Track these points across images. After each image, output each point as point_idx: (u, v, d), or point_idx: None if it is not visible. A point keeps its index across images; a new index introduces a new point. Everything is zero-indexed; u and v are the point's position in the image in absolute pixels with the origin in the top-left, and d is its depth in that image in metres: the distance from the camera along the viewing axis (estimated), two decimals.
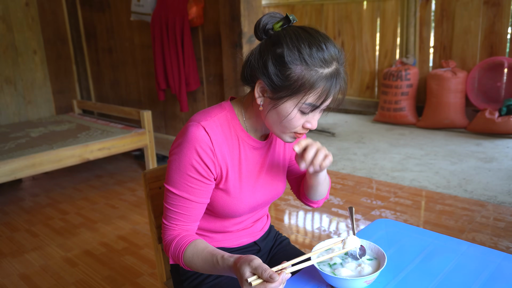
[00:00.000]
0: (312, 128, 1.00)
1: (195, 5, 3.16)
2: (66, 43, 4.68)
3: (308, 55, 0.91)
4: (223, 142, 1.04)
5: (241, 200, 1.09)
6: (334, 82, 0.93)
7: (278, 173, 1.18)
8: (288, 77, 0.92)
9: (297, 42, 0.92)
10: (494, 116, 4.17)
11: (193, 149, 1.00)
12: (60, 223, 2.90)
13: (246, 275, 0.84)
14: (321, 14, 5.75)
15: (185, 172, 1.01)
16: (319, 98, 0.94)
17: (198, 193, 1.04)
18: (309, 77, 0.91)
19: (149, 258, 2.38)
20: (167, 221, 1.06)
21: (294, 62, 0.92)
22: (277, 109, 0.97)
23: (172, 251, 1.03)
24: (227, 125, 1.05)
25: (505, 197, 2.87)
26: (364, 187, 3.19)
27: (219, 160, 1.03)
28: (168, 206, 1.05)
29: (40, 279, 2.25)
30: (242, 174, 1.08)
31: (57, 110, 4.66)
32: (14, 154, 3.02)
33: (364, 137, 4.51)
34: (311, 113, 0.97)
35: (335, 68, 0.94)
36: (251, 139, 1.09)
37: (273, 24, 0.98)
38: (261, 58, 0.97)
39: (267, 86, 0.96)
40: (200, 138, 1.00)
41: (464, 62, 4.64)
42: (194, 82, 3.32)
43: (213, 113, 1.05)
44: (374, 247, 1.02)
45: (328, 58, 0.92)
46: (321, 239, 2.49)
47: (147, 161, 3.61)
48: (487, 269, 1.00)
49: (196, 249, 1.00)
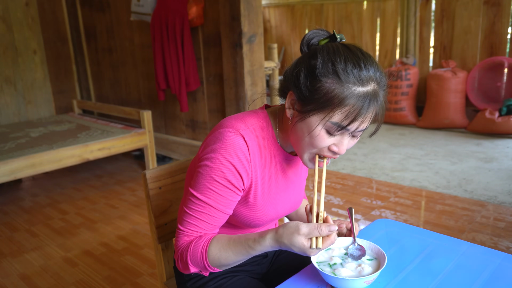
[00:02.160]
0: (339, 152, 0.92)
1: (195, 5, 3.16)
2: (66, 43, 4.68)
3: (342, 69, 0.86)
4: (257, 154, 0.99)
5: (264, 213, 1.06)
6: (367, 103, 0.86)
7: (301, 187, 1.17)
8: (318, 89, 0.87)
9: (333, 55, 0.88)
10: (494, 116, 4.17)
11: (229, 157, 0.94)
12: (60, 223, 2.90)
13: (306, 245, 0.86)
14: (321, 14, 5.75)
15: (215, 179, 0.96)
16: (347, 118, 0.86)
17: (225, 202, 0.98)
18: (339, 93, 0.85)
19: (149, 258, 2.38)
20: (183, 227, 1.00)
21: (326, 74, 0.87)
22: (303, 122, 0.92)
23: (191, 254, 0.97)
24: (262, 136, 1.01)
25: (505, 197, 2.87)
26: (364, 187, 3.19)
27: (253, 172, 0.99)
28: (188, 210, 0.99)
29: (40, 279, 2.24)
30: (270, 188, 1.05)
31: (57, 110, 4.66)
32: (14, 154, 3.02)
33: (364, 137, 4.51)
34: (338, 135, 0.91)
35: (372, 89, 0.87)
36: (282, 152, 1.05)
37: (319, 41, 0.95)
38: (295, 69, 0.93)
39: (297, 98, 0.92)
40: (238, 147, 0.95)
41: (464, 62, 4.64)
42: (194, 82, 3.32)
43: (249, 121, 1.00)
44: (374, 247, 1.02)
45: (365, 77, 0.86)
46: None
47: (147, 161, 3.61)
48: (487, 269, 1.00)
49: (219, 243, 0.96)
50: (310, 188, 3.23)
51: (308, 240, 0.86)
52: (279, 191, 1.08)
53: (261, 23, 2.99)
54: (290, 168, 1.10)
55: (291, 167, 1.10)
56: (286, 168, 1.08)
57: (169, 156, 3.94)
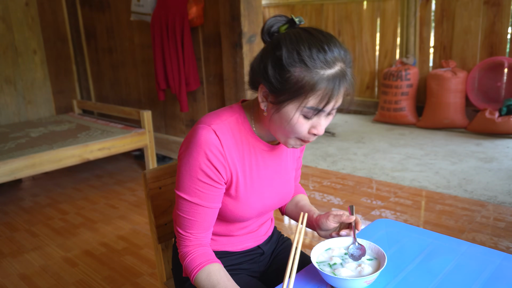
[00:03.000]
0: (318, 134, 0.95)
1: (195, 5, 3.16)
2: (66, 43, 4.68)
3: (308, 56, 0.87)
4: (233, 146, 1.01)
5: (250, 205, 1.07)
6: (338, 84, 0.89)
7: (288, 177, 1.17)
8: (288, 80, 0.89)
9: (297, 43, 0.89)
10: (494, 116, 4.17)
11: (202, 153, 0.97)
12: (60, 223, 2.90)
13: None
14: (321, 14, 5.75)
15: (195, 176, 0.98)
16: (321, 101, 0.89)
17: (210, 198, 1.01)
18: (309, 79, 0.88)
19: (149, 258, 2.38)
20: (182, 230, 1.04)
21: (293, 64, 0.88)
22: (279, 113, 0.94)
23: (185, 266, 1.03)
24: (238, 129, 1.03)
25: (505, 197, 2.87)
26: (364, 187, 3.19)
27: (230, 164, 1.01)
28: (181, 213, 1.02)
29: (40, 279, 2.24)
30: (252, 179, 1.06)
31: (57, 110, 4.66)
32: (14, 154, 3.02)
33: (364, 137, 4.51)
34: (315, 117, 0.93)
35: (339, 69, 0.90)
36: (261, 143, 1.07)
37: (279, 27, 0.96)
38: (261, 62, 0.94)
39: (269, 91, 0.94)
40: (210, 142, 0.97)
41: (464, 62, 4.64)
42: (194, 82, 3.32)
43: (224, 116, 1.02)
44: (374, 247, 1.02)
45: (331, 59, 0.88)
46: (321, 239, 2.49)
47: (147, 161, 3.61)
48: (487, 269, 1.00)
49: (208, 280, 0.99)
50: (311, 188, 3.23)
51: None
52: (263, 183, 1.09)
53: (261, 23, 2.99)
54: (272, 158, 1.11)
55: (273, 157, 1.11)
56: (267, 159, 1.09)
57: (169, 156, 3.94)
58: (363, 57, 5.49)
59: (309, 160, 3.86)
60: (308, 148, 4.23)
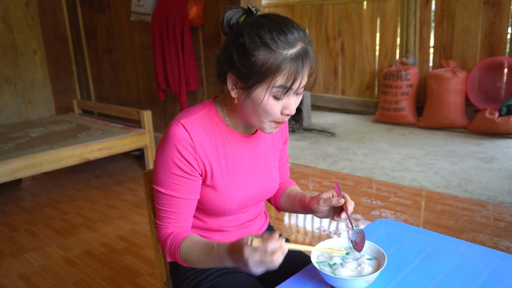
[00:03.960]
0: (290, 113, 0.99)
1: (195, 5, 3.16)
2: (66, 43, 4.68)
3: (270, 39, 0.92)
4: (205, 139, 1.05)
5: (229, 196, 1.09)
6: (301, 62, 0.93)
7: (269, 168, 1.18)
8: (254, 64, 0.93)
9: (257, 29, 0.93)
10: (494, 116, 4.17)
11: (173, 147, 1.02)
12: (60, 223, 2.90)
13: (245, 240, 0.85)
14: (321, 14, 5.75)
15: (169, 170, 1.03)
16: (288, 80, 0.93)
17: (185, 190, 1.05)
18: (274, 60, 0.92)
19: (149, 258, 2.38)
20: (160, 221, 1.08)
21: (257, 48, 0.92)
22: (250, 98, 0.97)
23: (167, 247, 1.05)
24: (209, 122, 1.07)
25: (505, 197, 2.87)
26: (364, 187, 3.19)
27: (201, 157, 1.04)
28: (158, 206, 1.07)
29: (40, 279, 2.25)
30: (229, 170, 1.09)
31: (57, 110, 4.66)
32: (14, 154, 3.02)
33: (364, 137, 4.51)
34: (285, 98, 0.97)
35: (301, 48, 0.94)
36: (235, 133, 1.10)
37: (237, 18, 1.01)
38: (226, 52, 0.98)
39: (237, 77, 0.98)
40: (179, 136, 1.02)
41: (464, 62, 4.64)
42: (194, 82, 3.32)
43: (194, 111, 1.07)
44: (374, 247, 1.02)
45: (291, 39, 0.93)
46: (321, 239, 2.49)
47: (147, 161, 3.61)
48: (487, 269, 1.00)
49: (190, 241, 1.02)
50: (311, 188, 3.23)
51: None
52: (241, 172, 1.11)
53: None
54: (248, 148, 1.13)
55: (249, 147, 1.13)
56: (243, 149, 1.12)
57: None
58: (363, 57, 5.49)
59: (309, 160, 3.86)
60: (308, 148, 4.23)
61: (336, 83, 5.79)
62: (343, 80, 5.73)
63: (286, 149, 1.28)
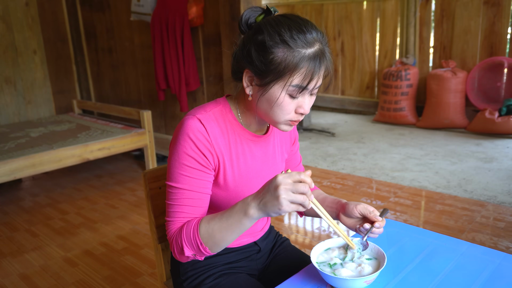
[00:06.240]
0: (305, 112, 0.99)
1: (195, 5, 3.16)
2: (66, 43, 4.68)
3: (289, 37, 0.92)
4: (219, 135, 1.04)
5: (238, 195, 1.08)
6: (318, 62, 0.94)
7: (276, 168, 1.17)
8: (272, 61, 0.93)
9: (277, 26, 0.94)
10: (494, 116, 4.17)
11: (188, 139, 1.00)
12: (60, 223, 2.90)
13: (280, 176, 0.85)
14: (321, 14, 5.75)
15: (182, 162, 1.00)
16: (305, 79, 0.94)
17: (199, 184, 1.01)
18: (292, 58, 0.92)
19: (149, 258, 2.38)
20: (170, 217, 1.02)
21: (276, 45, 0.93)
22: (266, 95, 0.97)
23: (185, 235, 0.97)
24: (223, 120, 1.06)
25: (505, 197, 2.87)
26: (364, 187, 3.19)
27: (216, 151, 1.03)
28: (171, 202, 1.02)
29: (40, 279, 2.25)
30: (240, 169, 1.08)
31: (57, 110, 4.66)
32: (14, 154, 3.02)
33: (364, 137, 4.51)
34: (300, 96, 0.97)
35: (319, 48, 0.94)
36: (247, 132, 1.09)
37: (255, 18, 1.01)
38: (244, 48, 0.99)
39: (254, 74, 0.98)
40: (195, 129, 1.00)
41: (464, 62, 4.64)
42: (194, 82, 3.32)
43: (208, 108, 1.06)
44: (374, 247, 1.02)
45: (310, 39, 0.93)
46: (321, 239, 2.49)
47: (147, 161, 3.61)
48: (487, 269, 1.00)
49: (208, 216, 0.97)
50: None
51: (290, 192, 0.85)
52: (251, 172, 1.10)
53: None
54: (259, 148, 1.12)
55: (260, 147, 1.12)
56: (254, 149, 1.11)
57: None
58: (363, 57, 5.49)
59: (309, 160, 3.86)
60: (308, 148, 4.23)
61: (336, 83, 5.79)
62: (343, 80, 5.73)
63: (296, 149, 1.27)
